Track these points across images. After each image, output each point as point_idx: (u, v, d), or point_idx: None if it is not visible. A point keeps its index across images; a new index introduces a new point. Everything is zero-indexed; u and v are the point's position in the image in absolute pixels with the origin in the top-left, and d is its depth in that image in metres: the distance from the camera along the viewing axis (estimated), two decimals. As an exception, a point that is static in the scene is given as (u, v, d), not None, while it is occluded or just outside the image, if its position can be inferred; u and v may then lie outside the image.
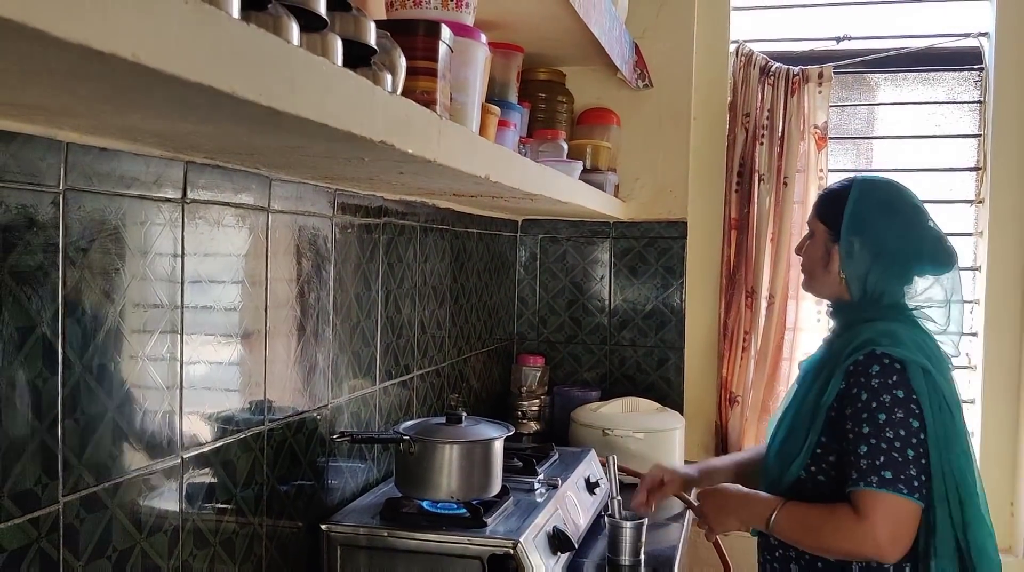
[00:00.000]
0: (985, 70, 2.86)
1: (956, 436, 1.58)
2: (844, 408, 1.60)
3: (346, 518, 1.68)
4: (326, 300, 1.68)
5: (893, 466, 1.52)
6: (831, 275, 1.73)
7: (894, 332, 1.62)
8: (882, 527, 1.52)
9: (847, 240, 1.69)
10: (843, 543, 1.57)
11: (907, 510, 1.53)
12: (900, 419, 1.54)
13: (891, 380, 1.56)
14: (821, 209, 1.78)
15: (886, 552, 1.54)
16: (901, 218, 1.70)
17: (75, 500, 1.07)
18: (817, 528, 1.61)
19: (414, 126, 1.02)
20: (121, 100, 0.73)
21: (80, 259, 1.05)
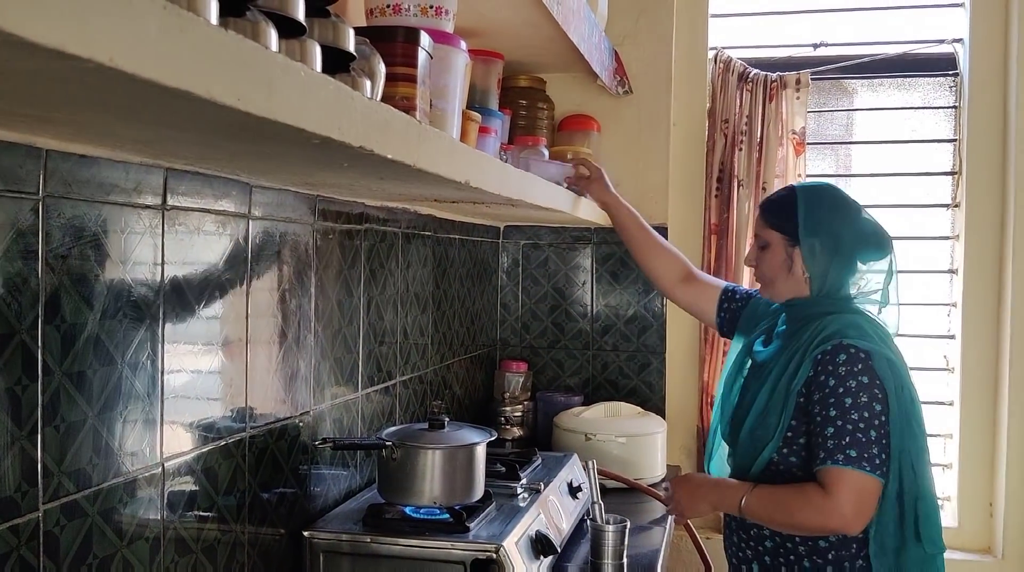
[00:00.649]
0: (960, 76, 2.90)
1: (914, 419, 1.70)
2: (812, 394, 1.71)
3: (329, 525, 1.68)
4: (308, 307, 1.68)
5: (857, 445, 1.64)
6: (795, 277, 1.84)
7: (859, 325, 1.74)
8: (847, 501, 1.64)
9: (808, 242, 1.80)
10: (812, 518, 1.68)
11: (870, 486, 1.65)
12: (864, 403, 1.65)
13: (856, 368, 1.67)
14: (771, 219, 1.87)
15: (851, 525, 1.66)
16: (848, 214, 1.83)
17: (55, 507, 1.06)
18: (787, 506, 1.72)
19: (393, 131, 1.02)
20: (98, 105, 0.74)
21: (59, 266, 1.05)
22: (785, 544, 1.76)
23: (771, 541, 1.78)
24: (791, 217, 1.82)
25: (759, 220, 1.90)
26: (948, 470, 2.94)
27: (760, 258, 1.89)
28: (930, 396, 2.95)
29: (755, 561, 1.80)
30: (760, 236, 1.89)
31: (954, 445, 2.91)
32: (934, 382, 2.96)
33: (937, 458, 2.95)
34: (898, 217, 2.97)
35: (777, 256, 1.85)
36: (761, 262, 1.89)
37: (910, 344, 2.85)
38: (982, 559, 2.84)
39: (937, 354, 2.97)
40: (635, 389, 2.94)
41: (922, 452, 1.72)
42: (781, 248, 1.84)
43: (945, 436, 2.95)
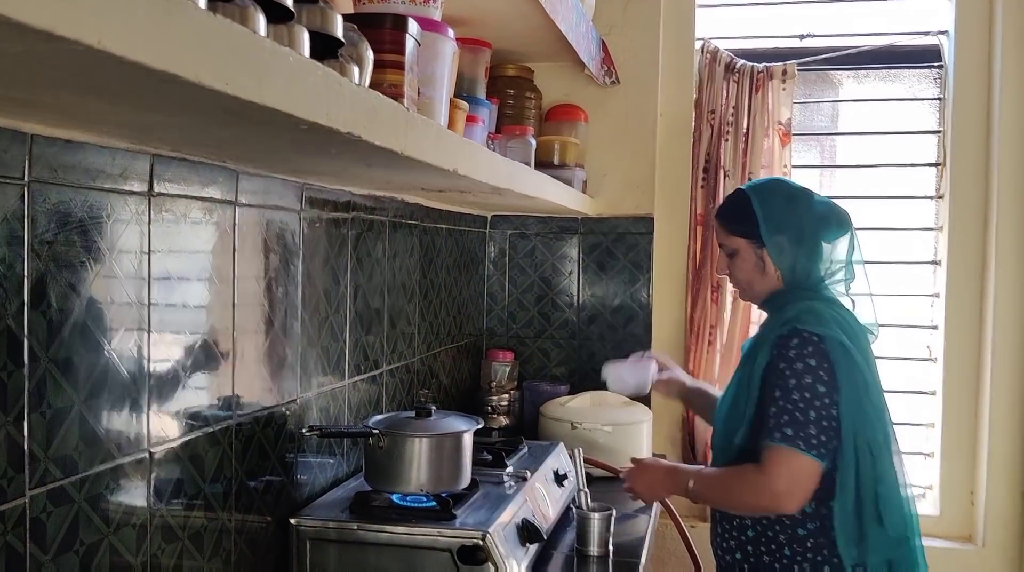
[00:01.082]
0: (945, 68, 2.92)
1: (869, 402, 1.72)
2: (768, 378, 1.75)
3: (315, 512, 1.68)
4: (294, 295, 1.68)
5: (794, 424, 1.67)
6: (769, 276, 1.88)
7: (816, 310, 1.78)
8: (778, 478, 1.67)
9: (773, 241, 1.84)
10: (746, 495, 1.74)
11: (804, 464, 1.67)
12: (807, 384, 1.69)
13: (806, 350, 1.71)
14: (732, 227, 1.91)
15: (782, 502, 1.68)
16: (802, 202, 1.87)
17: (42, 493, 1.06)
18: (727, 486, 1.79)
19: (381, 118, 1.03)
20: (86, 88, 0.74)
21: (45, 252, 1.05)
22: (766, 533, 1.77)
23: (752, 531, 1.79)
24: (751, 220, 1.86)
25: (720, 230, 1.94)
26: (930, 459, 2.97)
27: (731, 266, 1.93)
28: (913, 386, 2.98)
29: (738, 550, 1.82)
30: (725, 245, 1.93)
31: (936, 434, 2.94)
32: (917, 372, 2.99)
33: (919, 447, 2.98)
34: (882, 208, 2.99)
35: (747, 261, 1.89)
36: (733, 269, 1.93)
37: (893, 334, 2.88)
38: (963, 547, 2.87)
39: (920, 344, 2.99)
40: (621, 378, 2.94)
41: (879, 436, 1.72)
42: (749, 252, 1.88)
43: (927, 425, 2.98)
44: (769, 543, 1.77)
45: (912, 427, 2.96)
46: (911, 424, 2.95)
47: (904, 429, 2.89)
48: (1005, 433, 2.80)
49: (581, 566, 1.85)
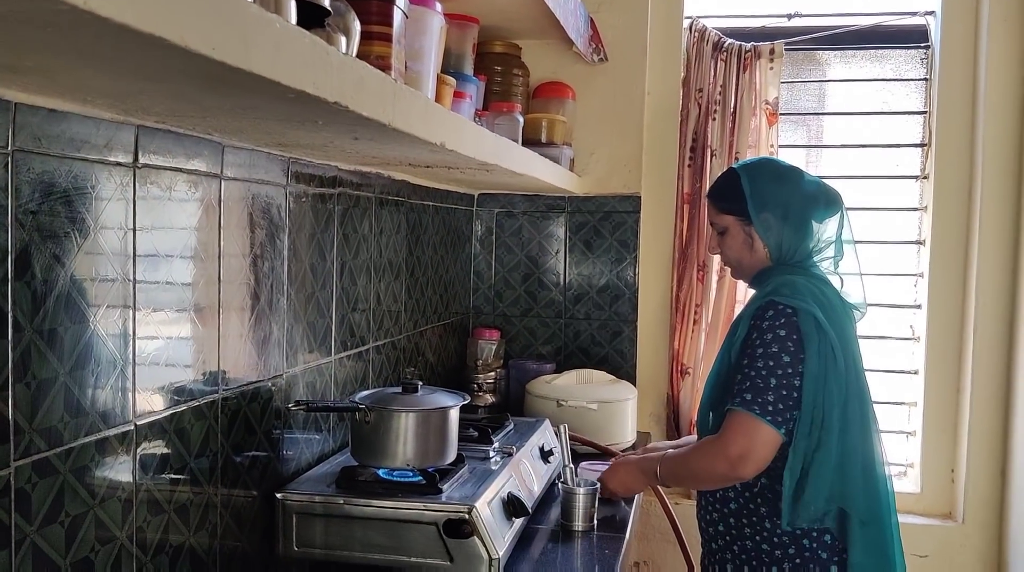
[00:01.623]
0: (931, 48, 2.93)
1: (837, 376, 1.73)
2: (742, 349, 1.77)
3: (302, 486, 1.68)
4: (280, 270, 1.68)
5: (754, 390, 1.70)
6: (757, 253, 1.90)
7: (794, 283, 1.79)
8: (733, 442, 1.69)
9: (760, 217, 1.86)
10: (703, 461, 1.77)
11: (759, 430, 1.69)
12: (773, 353, 1.71)
13: (778, 322, 1.73)
14: (721, 204, 1.93)
15: (736, 466, 1.70)
16: (790, 180, 1.89)
17: (27, 464, 1.06)
18: (688, 459, 1.82)
19: (368, 88, 1.02)
20: (71, 51, 0.73)
21: (29, 222, 1.04)
22: (748, 505, 1.79)
23: (735, 503, 1.81)
24: (739, 198, 1.88)
25: (710, 208, 1.96)
26: (912, 438, 3.00)
27: (722, 244, 1.95)
28: (895, 365, 3.00)
29: (721, 523, 1.84)
30: (716, 223, 1.95)
31: (918, 413, 2.97)
32: (900, 351, 3.01)
33: (901, 425, 3.01)
34: (868, 188, 3.00)
35: (737, 238, 1.91)
36: (724, 247, 1.95)
37: (877, 314, 2.90)
38: (943, 524, 2.90)
39: (904, 324, 3.01)
40: (607, 357, 2.96)
41: (837, 411, 1.73)
42: (738, 229, 1.90)
43: (909, 404, 3.00)
44: (751, 515, 1.79)
45: (894, 406, 2.99)
46: (893, 403, 2.98)
47: (886, 408, 2.93)
48: (986, 412, 2.83)
49: (566, 540, 1.87)
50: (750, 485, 1.79)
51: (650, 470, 1.92)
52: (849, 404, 1.75)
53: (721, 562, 1.86)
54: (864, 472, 1.76)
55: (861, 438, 1.77)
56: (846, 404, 1.74)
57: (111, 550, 1.22)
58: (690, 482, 1.94)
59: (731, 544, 1.83)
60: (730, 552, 1.83)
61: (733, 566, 1.83)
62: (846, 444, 1.74)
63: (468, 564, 1.57)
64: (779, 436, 1.70)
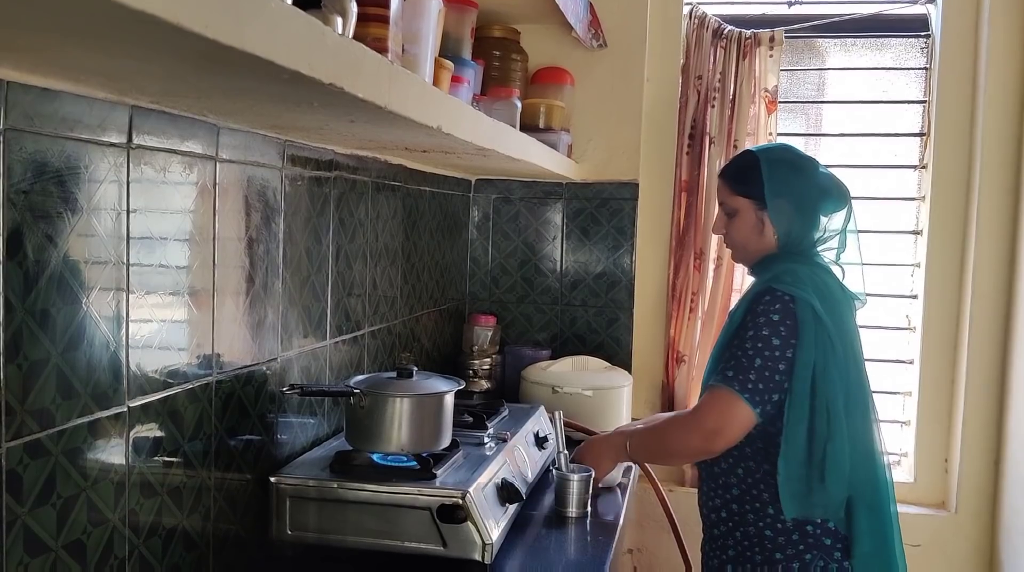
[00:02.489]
0: (932, 37, 2.91)
1: (837, 366, 1.73)
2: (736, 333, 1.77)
3: (296, 470, 1.68)
4: (275, 253, 1.67)
5: (737, 368, 1.72)
6: (766, 238, 1.89)
7: (795, 271, 1.80)
8: (707, 416, 1.72)
9: (775, 203, 1.86)
10: (677, 435, 1.79)
11: (734, 406, 1.70)
12: (764, 336, 1.71)
13: (774, 307, 1.74)
14: (737, 186, 1.92)
15: (709, 440, 1.72)
16: (808, 171, 1.90)
17: (18, 446, 1.05)
18: (661, 432, 1.85)
19: (365, 70, 1.01)
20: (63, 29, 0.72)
21: (21, 201, 1.03)
22: (751, 492, 1.80)
23: (737, 488, 1.82)
24: (756, 182, 1.87)
25: (724, 188, 1.94)
26: (906, 427, 3.01)
27: (730, 226, 1.94)
28: (891, 354, 3.00)
29: (723, 509, 1.84)
30: (727, 204, 1.94)
31: (913, 403, 2.97)
32: (896, 341, 3.01)
33: (895, 415, 3.01)
34: (866, 177, 2.99)
35: (747, 221, 1.90)
36: (731, 229, 1.94)
37: (873, 303, 2.89)
38: (936, 513, 2.91)
39: (900, 313, 3.01)
40: (602, 344, 2.96)
41: (841, 399, 1.73)
42: (751, 212, 1.89)
43: (904, 394, 3.01)
44: (754, 501, 1.79)
45: (889, 395, 2.99)
46: (888, 392, 2.99)
47: (881, 397, 2.93)
48: (980, 402, 2.83)
49: (560, 526, 1.87)
50: (752, 471, 1.79)
51: (618, 445, 1.94)
52: (850, 393, 1.75)
53: (723, 548, 1.86)
54: (866, 460, 1.77)
55: (863, 427, 1.78)
56: (848, 393, 1.75)
57: (103, 532, 1.22)
58: (662, 456, 1.97)
59: (733, 530, 1.83)
60: (732, 538, 1.84)
61: (735, 552, 1.83)
62: (852, 434, 1.75)
63: (461, 549, 1.57)
64: (755, 416, 1.71)
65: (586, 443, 2.05)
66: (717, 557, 1.88)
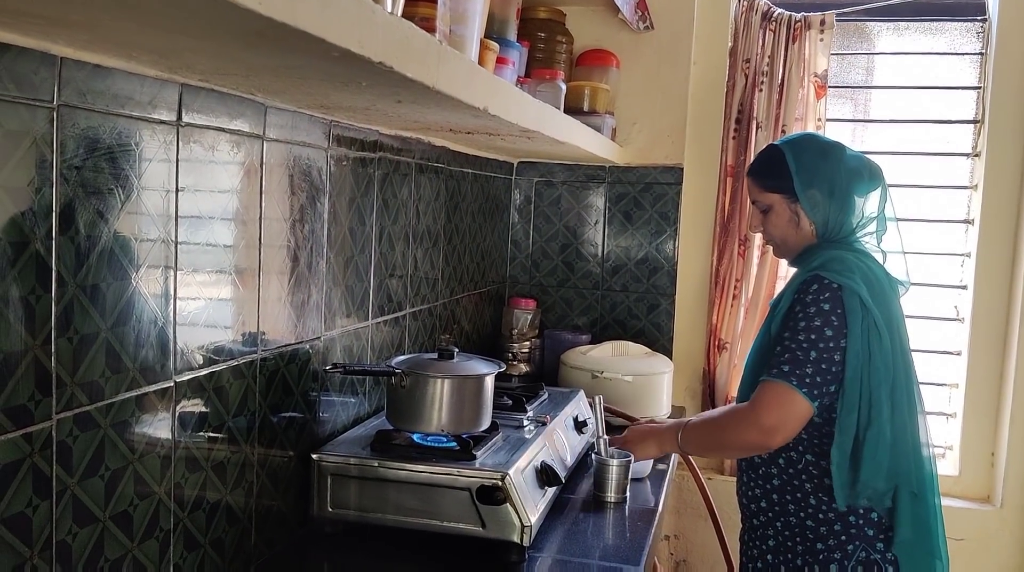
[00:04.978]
0: (988, 22, 2.84)
1: (883, 354, 1.71)
2: (784, 322, 1.75)
3: (337, 448, 1.69)
4: (320, 233, 1.68)
5: (793, 362, 1.68)
6: (803, 230, 1.87)
7: (842, 258, 1.77)
8: (766, 412, 1.68)
9: (807, 195, 1.84)
10: (734, 431, 1.75)
11: (794, 402, 1.67)
12: (816, 326, 1.69)
13: (823, 296, 1.71)
14: (766, 182, 1.89)
15: (768, 436, 1.69)
16: (835, 156, 1.86)
17: (68, 418, 1.07)
18: (715, 425, 1.82)
19: (413, 49, 1.01)
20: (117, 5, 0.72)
21: (73, 177, 1.05)
22: (792, 482, 1.78)
23: (778, 479, 1.80)
24: (785, 175, 1.85)
25: (753, 187, 1.92)
26: (952, 419, 2.95)
27: (766, 222, 1.92)
28: (938, 345, 2.95)
29: (763, 499, 1.83)
30: (758, 201, 1.92)
31: (959, 395, 2.92)
32: (943, 332, 2.95)
33: (941, 407, 2.96)
34: (916, 165, 2.93)
35: (782, 216, 1.88)
36: (767, 226, 1.92)
37: (922, 293, 2.85)
38: (981, 507, 2.86)
39: (948, 304, 2.95)
40: (643, 330, 2.94)
41: (886, 388, 1.71)
42: (784, 206, 1.87)
43: (951, 386, 2.95)
44: (795, 492, 1.77)
45: (935, 387, 2.94)
46: (935, 384, 2.93)
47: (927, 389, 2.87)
48: (1030, 396, 2.77)
49: (598, 511, 1.87)
50: (794, 461, 1.78)
51: (668, 435, 1.90)
52: (896, 382, 1.73)
53: (763, 538, 1.84)
54: (911, 451, 1.74)
55: (909, 416, 1.75)
56: (894, 382, 1.72)
57: (149, 505, 1.24)
58: (716, 450, 1.94)
59: (774, 520, 1.82)
60: (772, 528, 1.82)
61: (776, 542, 1.82)
62: (895, 422, 1.72)
63: (500, 530, 1.57)
64: (812, 408, 1.69)
65: (635, 428, 2.02)
66: (757, 547, 1.86)
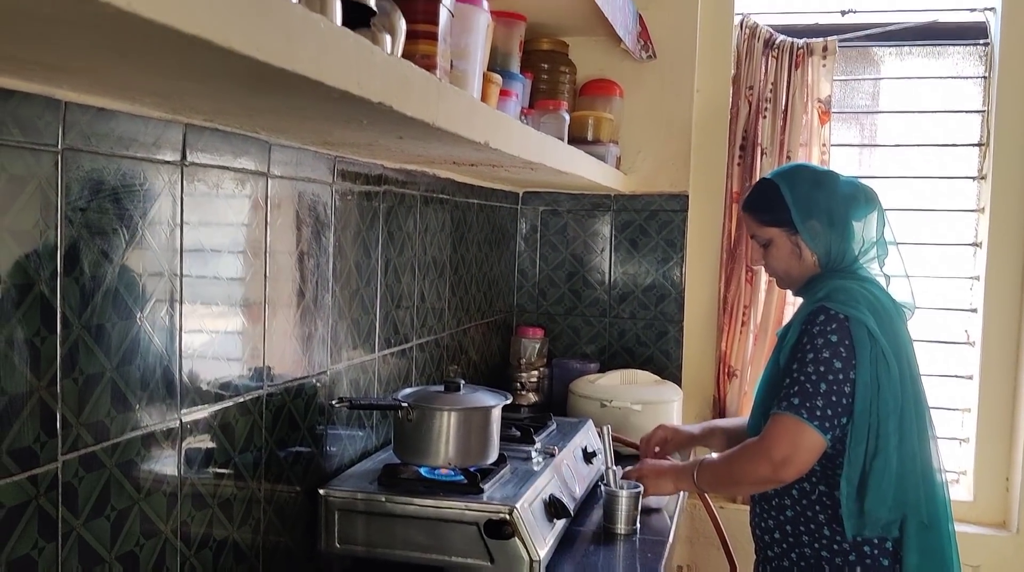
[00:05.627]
0: (991, 45, 2.84)
1: (891, 384, 1.69)
2: (792, 354, 1.74)
3: (344, 483, 1.69)
4: (326, 267, 1.68)
5: (802, 395, 1.67)
6: (806, 261, 1.87)
7: (847, 288, 1.76)
8: (777, 445, 1.67)
9: (807, 226, 1.83)
10: (745, 465, 1.73)
11: (804, 434, 1.66)
12: (824, 358, 1.67)
13: (830, 327, 1.70)
14: (764, 217, 1.89)
15: (779, 470, 1.68)
16: (829, 184, 1.86)
17: (74, 459, 1.07)
18: (729, 461, 1.79)
19: (413, 88, 1.01)
20: (117, 52, 0.73)
21: (78, 219, 1.05)
22: (806, 513, 1.76)
23: (792, 511, 1.78)
24: (782, 208, 1.85)
25: (751, 222, 1.92)
26: (965, 444, 2.93)
27: (767, 256, 1.91)
28: (949, 369, 2.93)
29: (777, 530, 1.81)
30: (758, 236, 1.91)
31: (972, 419, 2.89)
32: (954, 356, 2.93)
33: (954, 432, 2.93)
34: (923, 188, 2.93)
35: (783, 249, 1.88)
36: (769, 259, 1.91)
37: (931, 317, 2.83)
38: (997, 533, 2.83)
39: (958, 328, 2.94)
40: (652, 357, 2.93)
41: (894, 418, 1.69)
42: (784, 240, 1.87)
43: (963, 410, 2.93)
44: (809, 522, 1.76)
45: (947, 412, 2.91)
46: (947, 409, 2.91)
47: (939, 414, 2.86)
48: (1043, 419, 2.75)
49: (608, 543, 1.85)
50: (807, 492, 1.76)
51: (683, 476, 1.88)
52: (905, 411, 1.71)
53: (777, 569, 1.82)
54: (924, 478, 1.72)
55: (919, 444, 1.73)
56: (902, 411, 1.71)
57: (156, 544, 1.24)
58: (729, 486, 1.91)
59: (788, 552, 1.80)
60: (787, 559, 1.80)
61: None
62: (904, 451, 1.70)
63: (509, 565, 1.56)
64: (824, 441, 1.67)
65: (650, 463, 1.99)
66: None
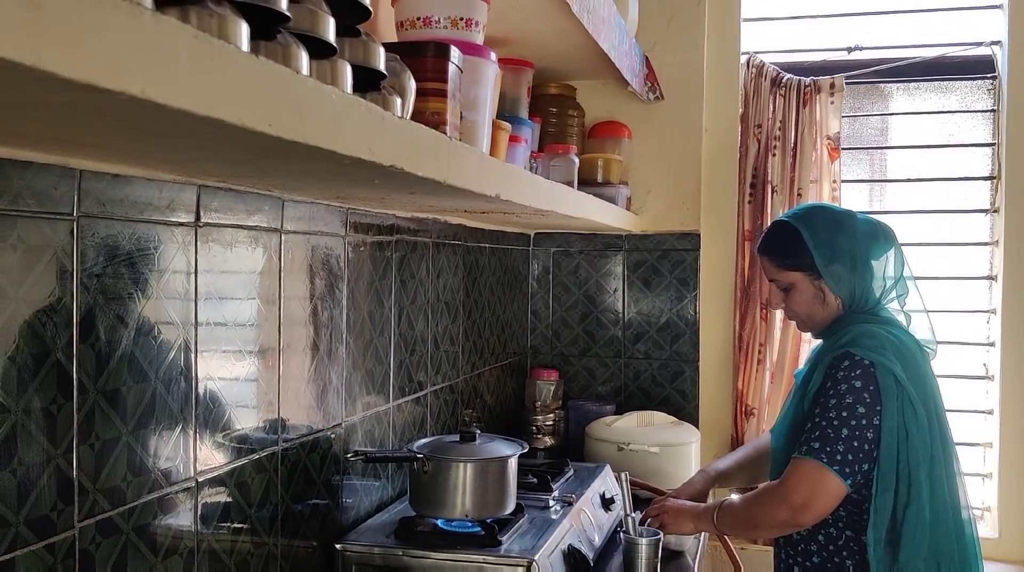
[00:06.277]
0: (998, 79, 2.85)
1: (920, 431, 1.67)
2: (815, 399, 1.72)
3: (361, 537, 1.68)
4: (339, 318, 1.69)
5: (823, 439, 1.65)
6: (829, 305, 1.85)
7: (873, 333, 1.74)
8: (796, 490, 1.65)
9: (830, 270, 1.81)
10: (765, 509, 1.71)
11: (824, 479, 1.64)
12: (847, 404, 1.65)
13: (854, 373, 1.67)
14: (783, 261, 1.86)
15: (798, 515, 1.66)
16: (848, 226, 1.83)
17: (90, 525, 1.07)
18: (748, 504, 1.76)
19: (424, 149, 1.02)
20: (131, 132, 0.74)
21: (93, 285, 1.06)
22: (832, 559, 1.73)
23: (818, 556, 1.76)
24: (804, 252, 1.82)
25: (770, 266, 1.89)
26: (988, 480, 2.89)
27: (788, 300, 1.89)
28: (969, 405, 2.90)
29: None
30: (778, 280, 1.89)
31: (994, 454, 2.85)
32: (974, 390, 2.91)
33: (976, 468, 2.89)
34: (935, 223, 2.92)
35: (806, 293, 1.85)
36: (790, 303, 1.89)
37: (949, 351, 2.81)
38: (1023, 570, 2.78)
39: (977, 362, 2.91)
40: (668, 398, 2.91)
41: (924, 466, 1.67)
42: (807, 284, 1.85)
43: (985, 445, 2.89)
44: (835, 569, 1.73)
45: (969, 447, 2.88)
46: (968, 444, 2.87)
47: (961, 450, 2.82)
48: (1067, 453, 2.71)
49: (628, 592, 1.83)
50: (833, 538, 1.73)
51: (703, 518, 1.86)
52: (935, 457, 1.69)
53: None
54: (951, 521, 1.70)
55: (948, 488, 1.71)
56: (932, 458, 1.68)
57: (173, 607, 1.23)
58: (748, 529, 1.86)
59: None
60: None
61: None
62: (936, 500, 1.68)
63: (528, 618, 1.54)
64: (845, 487, 1.65)
65: (671, 505, 1.95)
66: None
